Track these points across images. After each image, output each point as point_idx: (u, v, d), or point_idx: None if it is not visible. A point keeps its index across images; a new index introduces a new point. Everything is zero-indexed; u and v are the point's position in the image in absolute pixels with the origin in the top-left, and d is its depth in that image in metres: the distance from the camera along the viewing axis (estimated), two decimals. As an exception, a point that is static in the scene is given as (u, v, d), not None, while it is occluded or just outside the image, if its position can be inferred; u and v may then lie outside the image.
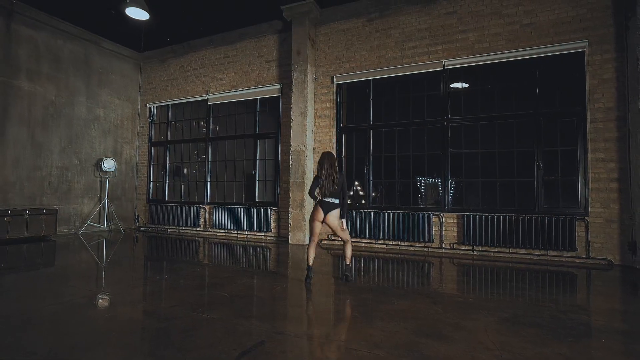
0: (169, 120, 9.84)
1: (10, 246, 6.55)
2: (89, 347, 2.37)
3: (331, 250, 6.44)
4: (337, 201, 4.08)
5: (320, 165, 4.11)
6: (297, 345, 2.47)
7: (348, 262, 4.23)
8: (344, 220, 4.14)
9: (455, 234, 6.33)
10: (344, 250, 4.29)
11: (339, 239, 4.45)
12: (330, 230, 6.11)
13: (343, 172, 7.45)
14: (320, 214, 4.05)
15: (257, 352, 2.30)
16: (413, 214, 6.52)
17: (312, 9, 7.30)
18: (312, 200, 4.32)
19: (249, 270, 4.83)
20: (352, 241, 4.42)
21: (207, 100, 8.99)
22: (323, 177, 4.03)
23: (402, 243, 6.61)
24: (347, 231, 4.24)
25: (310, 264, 4.09)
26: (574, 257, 5.56)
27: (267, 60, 8.24)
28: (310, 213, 4.28)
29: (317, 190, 4.11)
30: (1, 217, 6.69)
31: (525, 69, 6.09)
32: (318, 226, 4.10)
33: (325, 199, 4.05)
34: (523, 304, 3.44)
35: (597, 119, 5.55)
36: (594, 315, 3.20)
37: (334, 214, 4.05)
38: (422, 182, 7.21)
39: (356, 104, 7.53)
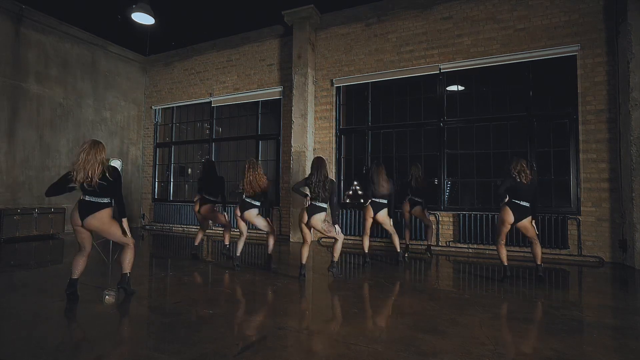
0: (174, 121, 10.04)
1: (20, 244, 6.71)
2: (96, 342, 2.43)
3: (331, 249, 6.54)
4: (324, 206, 4.15)
5: (312, 170, 4.23)
6: (297, 340, 2.53)
7: (335, 258, 4.29)
8: (337, 226, 4.22)
9: (451, 232, 6.48)
10: (333, 245, 4.32)
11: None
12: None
13: (341, 178, 7.58)
14: (305, 217, 4.17)
15: (259, 347, 2.35)
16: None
17: (312, 14, 7.47)
18: (296, 193, 4.47)
19: (251, 268, 4.89)
20: (351, 239, 4.49)
21: (210, 102, 9.19)
22: (315, 182, 4.13)
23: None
24: (339, 232, 4.24)
25: (303, 262, 4.26)
26: (566, 255, 5.69)
27: (268, 63, 8.42)
28: None
29: (307, 195, 4.26)
30: (11, 216, 6.86)
31: (519, 72, 6.23)
32: (304, 228, 4.24)
33: (313, 203, 4.15)
34: (517, 300, 3.50)
35: (588, 121, 5.68)
36: (585, 311, 3.25)
37: (317, 217, 4.12)
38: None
39: (355, 106, 7.69)
